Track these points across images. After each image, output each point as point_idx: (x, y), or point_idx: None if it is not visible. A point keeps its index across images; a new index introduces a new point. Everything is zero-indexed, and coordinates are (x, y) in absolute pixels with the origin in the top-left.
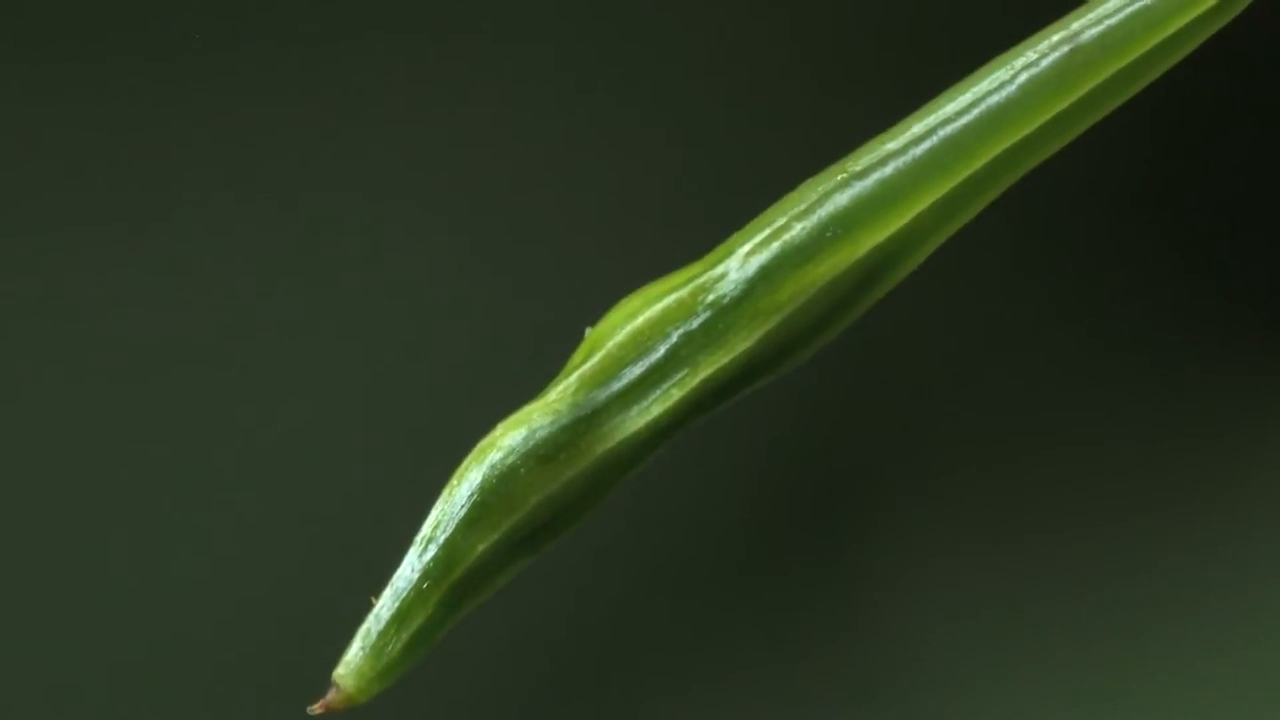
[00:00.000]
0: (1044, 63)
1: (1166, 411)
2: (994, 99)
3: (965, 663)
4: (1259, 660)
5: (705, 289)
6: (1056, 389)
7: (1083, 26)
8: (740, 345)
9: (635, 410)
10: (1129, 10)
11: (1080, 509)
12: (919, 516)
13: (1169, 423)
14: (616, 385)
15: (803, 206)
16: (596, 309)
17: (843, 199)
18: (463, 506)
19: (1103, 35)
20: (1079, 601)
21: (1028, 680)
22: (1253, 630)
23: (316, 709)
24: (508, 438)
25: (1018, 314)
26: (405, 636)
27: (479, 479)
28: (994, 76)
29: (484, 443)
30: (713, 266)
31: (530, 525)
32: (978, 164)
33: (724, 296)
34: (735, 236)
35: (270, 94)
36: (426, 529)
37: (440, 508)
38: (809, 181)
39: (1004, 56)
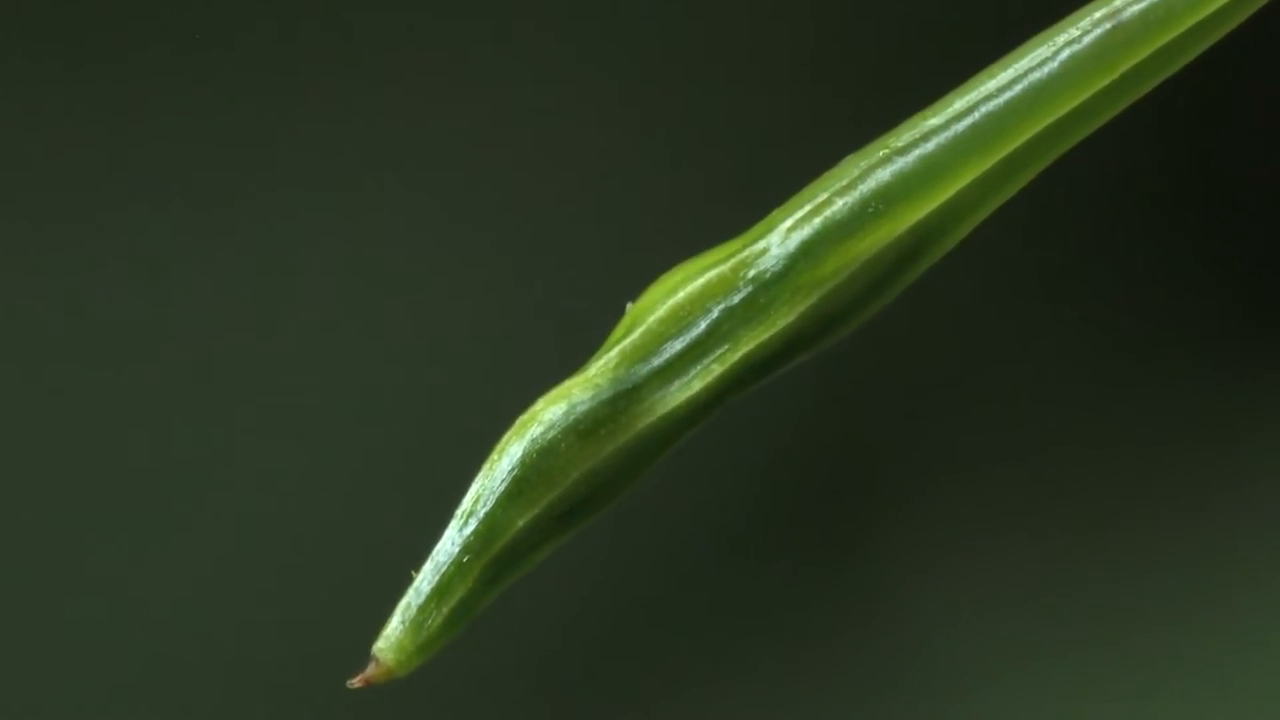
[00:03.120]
0: (1086, 39)
1: (1174, 411)
2: (1036, 75)
3: (971, 661)
4: (1263, 659)
5: (747, 264)
6: (1063, 389)
7: (1125, 3)
8: (782, 320)
9: (676, 385)
10: None
11: (1087, 508)
12: (925, 516)
13: (1176, 423)
14: (657, 360)
15: (845, 182)
16: (638, 284)
17: (885, 175)
18: (503, 481)
19: (1145, 12)
20: (1085, 601)
21: (1033, 680)
22: (1259, 629)
23: (356, 683)
24: (548, 412)
25: (1022, 315)
26: (445, 610)
27: (519, 453)
28: (1036, 53)
29: (524, 417)
30: (754, 242)
31: (570, 500)
32: (1019, 140)
33: (765, 272)
34: (777, 212)
35: (305, 86)
36: (467, 503)
37: (481, 482)
38: (851, 157)
39: (1046, 33)
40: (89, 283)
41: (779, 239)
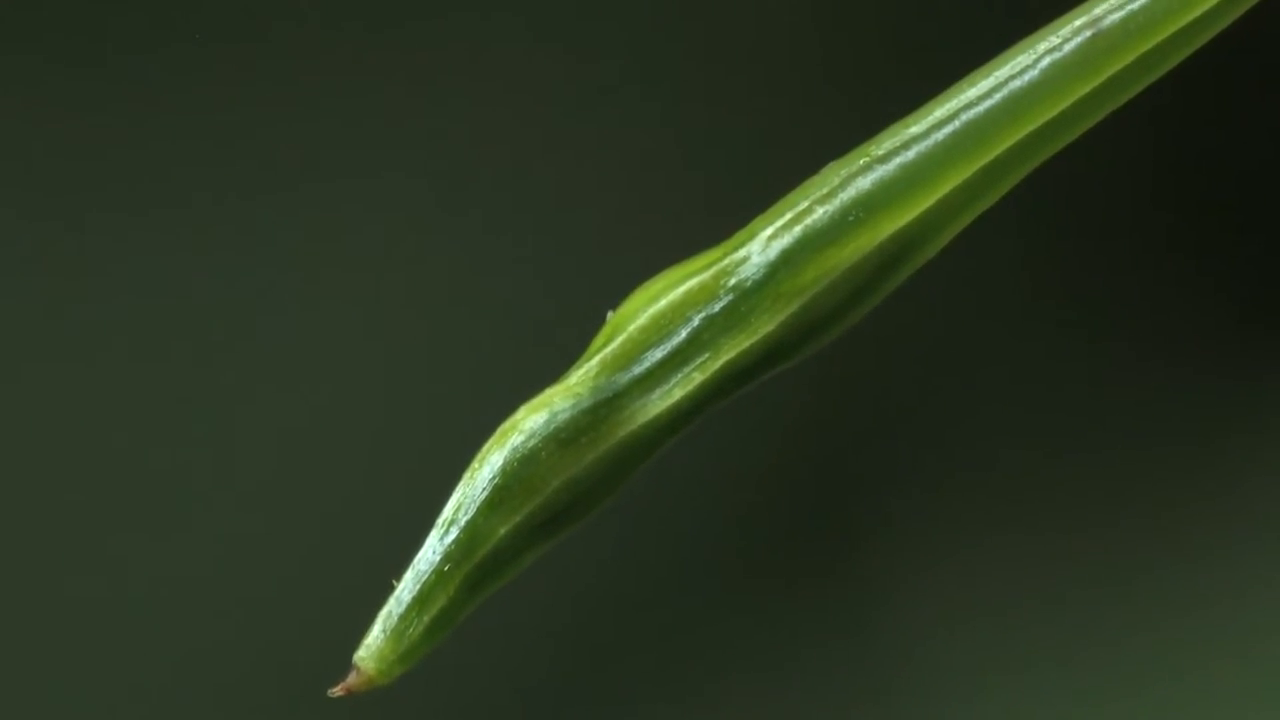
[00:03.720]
0: (1066, 47)
1: (1168, 414)
2: (1016, 83)
3: (962, 667)
4: (1258, 661)
5: (727, 272)
6: (1056, 393)
7: (1105, 11)
8: (762, 328)
9: (657, 394)
10: None
11: (1079, 512)
12: (917, 521)
13: (1169, 426)
14: (638, 369)
15: (825, 190)
16: (618, 292)
17: (865, 183)
18: (484, 489)
19: (1125, 19)
20: (1078, 604)
21: (1026, 683)
22: (1253, 631)
23: (337, 691)
24: (529, 421)
25: (1009, 320)
26: (426, 619)
27: (500, 462)
28: (1016, 61)
29: (505, 426)
30: (735, 250)
31: (551, 508)
32: (1000, 148)
33: (746, 280)
34: (757, 220)
35: (295, 87)
36: (448, 511)
37: (462, 490)
38: (832, 165)
39: (1026, 41)
40: (89, 282)
41: (760, 247)
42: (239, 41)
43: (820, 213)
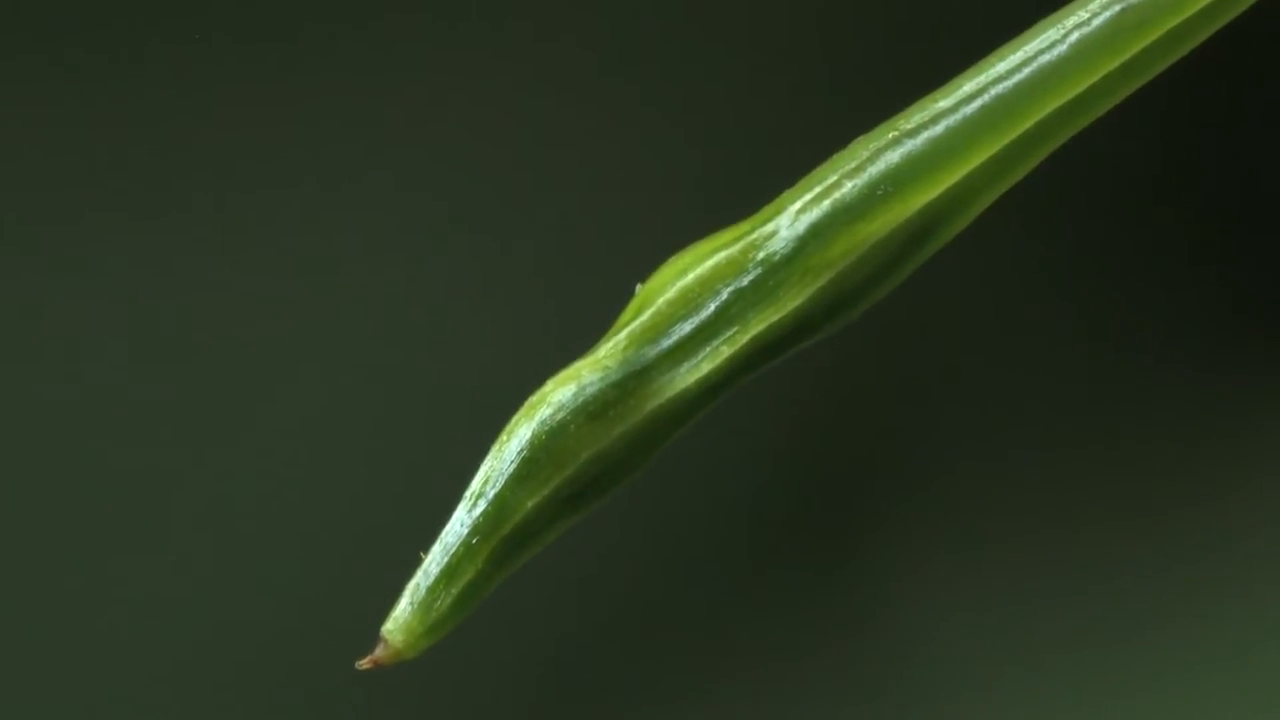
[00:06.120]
0: (1095, 22)
1: (1171, 412)
2: (1046, 58)
3: (966, 664)
4: (1260, 662)
5: (756, 246)
6: (1059, 389)
7: None
8: (791, 302)
9: (685, 367)
10: None
11: (1082, 509)
12: (920, 517)
13: (1173, 423)
14: (666, 342)
15: (854, 164)
16: (647, 266)
17: (894, 157)
18: (512, 462)
19: None
20: (1081, 602)
21: (1029, 681)
22: (1255, 632)
23: (365, 664)
24: (558, 394)
25: (1020, 314)
26: (454, 592)
27: (529, 435)
28: (1045, 35)
29: (534, 399)
30: (763, 224)
31: (579, 481)
32: (1029, 123)
33: (775, 254)
34: (786, 194)
35: (305, 76)
36: (476, 484)
37: (490, 463)
38: (860, 139)
39: (1056, 15)
40: (90, 283)
41: (788, 221)
42: (238, 41)
43: (849, 187)
